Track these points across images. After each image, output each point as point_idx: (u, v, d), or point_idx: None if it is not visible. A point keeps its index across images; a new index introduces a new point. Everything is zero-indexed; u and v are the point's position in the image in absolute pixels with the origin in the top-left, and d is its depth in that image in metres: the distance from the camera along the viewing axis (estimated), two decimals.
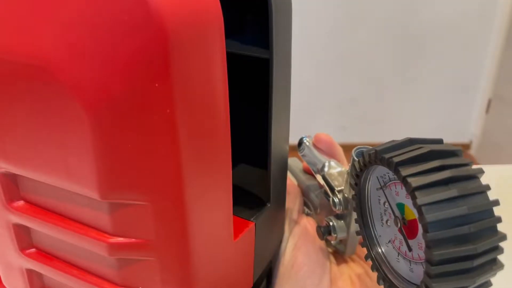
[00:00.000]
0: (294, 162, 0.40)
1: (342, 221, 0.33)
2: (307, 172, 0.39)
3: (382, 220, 0.26)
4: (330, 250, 0.36)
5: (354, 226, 0.32)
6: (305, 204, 0.38)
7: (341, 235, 0.33)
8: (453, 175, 0.20)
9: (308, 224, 0.35)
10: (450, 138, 2.02)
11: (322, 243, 0.34)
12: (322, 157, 0.35)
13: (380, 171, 0.25)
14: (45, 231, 0.24)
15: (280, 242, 0.34)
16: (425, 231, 0.20)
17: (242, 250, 0.27)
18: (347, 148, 0.37)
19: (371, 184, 0.26)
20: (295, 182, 0.39)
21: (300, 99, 2.06)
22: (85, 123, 0.19)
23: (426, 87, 2.03)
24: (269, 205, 0.30)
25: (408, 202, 0.24)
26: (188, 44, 0.18)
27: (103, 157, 0.19)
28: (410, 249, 0.24)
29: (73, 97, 0.18)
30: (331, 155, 0.36)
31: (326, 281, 0.32)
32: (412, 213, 0.23)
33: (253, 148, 0.37)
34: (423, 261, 0.23)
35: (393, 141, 0.23)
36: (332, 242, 0.35)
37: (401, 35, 1.99)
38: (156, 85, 0.18)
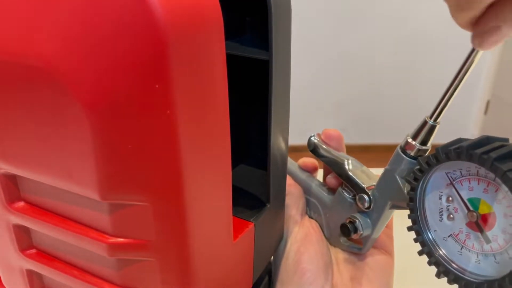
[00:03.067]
0: (288, 161, 0.40)
1: (367, 219, 0.33)
2: (304, 169, 0.39)
3: (441, 215, 0.27)
4: (341, 253, 0.35)
5: (380, 223, 0.32)
6: (307, 204, 0.38)
7: (366, 232, 0.33)
8: None
9: (312, 228, 0.35)
10: (449, 138, 2.02)
11: (325, 248, 0.34)
12: (339, 155, 0.34)
13: (449, 168, 0.26)
14: (45, 232, 0.24)
15: (280, 242, 0.34)
16: None
17: (241, 250, 0.28)
18: (347, 149, 0.37)
19: (431, 180, 0.27)
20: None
21: (300, 100, 2.06)
22: (86, 124, 0.19)
23: (426, 88, 2.03)
24: (268, 205, 0.30)
25: (485, 197, 0.25)
26: (188, 46, 0.18)
27: (103, 158, 0.19)
28: (488, 241, 0.25)
29: (73, 98, 0.18)
30: (341, 150, 0.36)
31: (328, 287, 0.32)
32: (488, 207, 0.25)
33: (253, 149, 0.37)
34: (496, 252, 0.25)
35: (461, 138, 0.25)
36: (344, 242, 0.35)
37: (400, 36, 1.99)
38: (156, 86, 0.18)
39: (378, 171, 0.32)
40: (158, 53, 0.17)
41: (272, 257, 0.35)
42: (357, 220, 0.33)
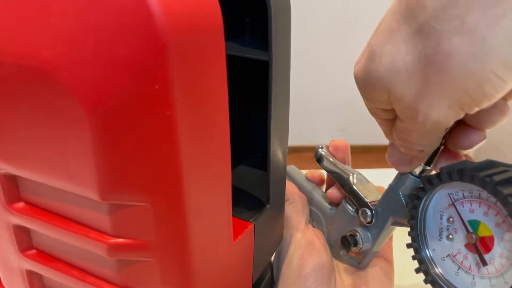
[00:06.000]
0: (293, 171, 0.40)
1: (368, 233, 0.33)
2: (311, 180, 0.39)
3: (441, 235, 0.28)
4: (341, 263, 0.36)
5: (380, 239, 0.33)
6: (310, 214, 0.38)
7: (366, 246, 0.33)
8: None
9: (315, 235, 0.35)
10: None
11: (328, 256, 0.34)
12: (345, 168, 0.35)
13: (451, 188, 0.26)
14: (45, 232, 0.24)
15: (279, 243, 0.34)
16: None
17: (241, 251, 0.28)
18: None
19: (434, 200, 0.28)
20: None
21: (300, 101, 2.06)
22: (86, 125, 0.19)
23: None
24: (268, 206, 0.30)
25: (484, 220, 0.25)
26: (188, 47, 0.18)
27: (103, 159, 0.19)
28: (485, 264, 0.25)
29: (73, 98, 0.18)
30: (347, 161, 0.36)
31: None
32: (488, 230, 0.25)
33: (253, 149, 0.37)
34: (492, 275, 0.25)
35: (465, 161, 0.25)
36: (344, 255, 0.35)
37: None
38: (156, 87, 0.18)
39: (378, 172, 0.32)
40: (158, 54, 0.17)
41: (273, 259, 0.35)
42: (358, 234, 0.33)
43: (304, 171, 0.40)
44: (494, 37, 0.20)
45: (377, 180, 0.36)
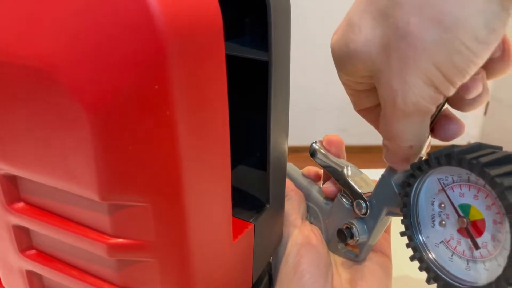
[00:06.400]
0: (290, 168, 0.40)
1: (364, 225, 0.33)
2: (307, 176, 0.39)
3: (433, 221, 0.28)
4: (338, 256, 0.36)
5: (376, 230, 0.33)
6: (307, 209, 0.38)
7: (362, 238, 0.33)
8: None
9: (312, 232, 0.35)
10: None
11: (325, 251, 0.34)
12: (339, 161, 0.35)
13: (441, 174, 0.26)
14: (45, 233, 0.24)
15: (279, 243, 0.34)
16: None
17: (241, 251, 0.28)
18: (347, 149, 0.37)
19: (425, 186, 0.28)
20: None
21: (300, 101, 2.06)
22: (86, 125, 0.19)
23: None
24: (268, 206, 0.30)
25: (475, 203, 0.25)
26: (187, 47, 0.18)
27: (103, 159, 0.19)
28: (477, 247, 0.25)
29: (73, 99, 0.18)
30: (342, 156, 0.36)
31: None
32: (479, 213, 0.25)
33: (253, 149, 0.37)
34: (485, 259, 0.25)
35: (454, 145, 0.25)
36: (341, 248, 0.35)
37: None
38: (156, 87, 0.18)
39: (378, 172, 0.32)
40: (158, 55, 0.17)
41: (271, 258, 0.36)
42: (354, 226, 0.33)
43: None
44: (460, 10, 0.21)
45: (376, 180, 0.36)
